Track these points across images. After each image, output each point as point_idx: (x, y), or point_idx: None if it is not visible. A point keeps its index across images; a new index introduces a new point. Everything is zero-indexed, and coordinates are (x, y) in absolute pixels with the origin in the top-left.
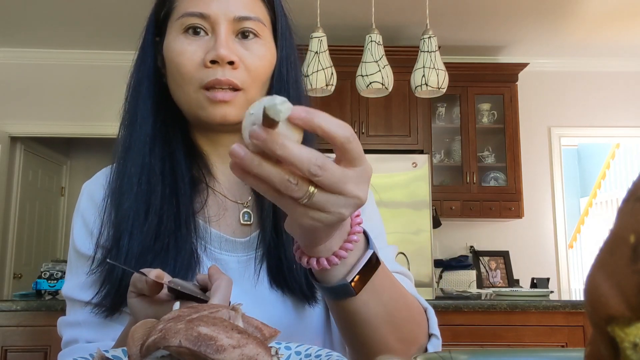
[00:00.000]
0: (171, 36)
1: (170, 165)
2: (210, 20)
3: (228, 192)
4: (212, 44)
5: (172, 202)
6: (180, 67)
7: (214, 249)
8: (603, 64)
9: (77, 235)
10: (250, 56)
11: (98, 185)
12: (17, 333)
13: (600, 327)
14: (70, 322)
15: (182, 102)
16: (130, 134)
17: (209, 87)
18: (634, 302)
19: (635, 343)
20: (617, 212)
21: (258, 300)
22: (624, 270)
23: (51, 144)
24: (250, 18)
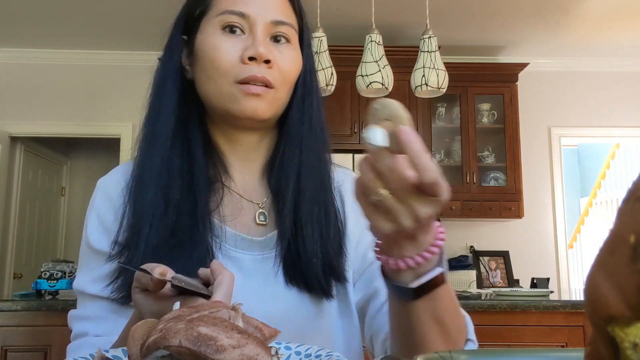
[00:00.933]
0: (207, 31)
1: (189, 162)
2: (249, 20)
3: (244, 192)
4: (250, 42)
5: (190, 199)
6: (216, 62)
7: (229, 246)
8: (603, 64)
9: (91, 232)
10: (283, 58)
11: (113, 181)
12: (17, 333)
13: (600, 327)
14: (80, 316)
15: (213, 95)
16: (153, 128)
17: (244, 82)
18: (634, 302)
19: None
20: (617, 212)
21: (274, 297)
22: (624, 270)
23: (51, 144)
24: (285, 23)
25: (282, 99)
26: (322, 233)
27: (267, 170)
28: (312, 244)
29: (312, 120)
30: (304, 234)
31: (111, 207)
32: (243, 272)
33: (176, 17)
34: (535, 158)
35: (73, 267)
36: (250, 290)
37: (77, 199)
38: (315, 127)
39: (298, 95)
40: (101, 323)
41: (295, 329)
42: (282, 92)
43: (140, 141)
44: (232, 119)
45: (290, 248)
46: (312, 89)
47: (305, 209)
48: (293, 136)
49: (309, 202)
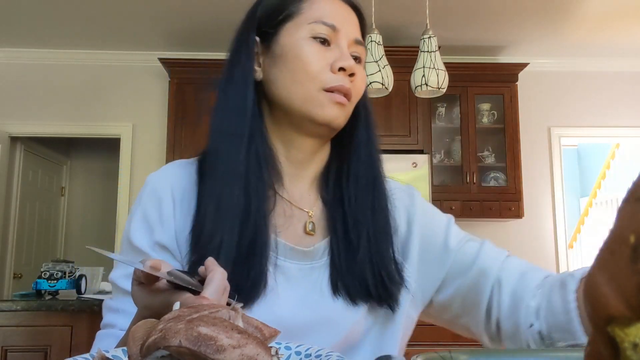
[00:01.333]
0: (297, 36)
1: (258, 168)
2: (338, 35)
3: (293, 200)
4: (339, 54)
5: (261, 207)
6: (308, 66)
7: (278, 255)
8: (603, 64)
9: (134, 227)
10: (359, 76)
11: (162, 180)
12: (17, 333)
13: (600, 327)
14: (111, 307)
15: (296, 98)
16: (229, 129)
17: (331, 90)
18: (634, 302)
19: (635, 343)
20: (617, 212)
21: (319, 307)
22: (624, 270)
23: (51, 144)
24: (362, 43)
25: (349, 113)
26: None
27: (321, 180)
28: (360, 257)
29: (375, 142)
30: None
31: (158, 207)
32: (291, 282)
33: (246, 18)
34: (535, 158)
35: (73, 267)
36: (296, 299)
37: (77, 199)
38: (377, 147)
39: (362, 116)
40: (128, 318)
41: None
42: (352, 107)
43: (215, 143)
44: (309, 123)
45: (338, 262)
46: (370, 110)
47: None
48: (362, 153)
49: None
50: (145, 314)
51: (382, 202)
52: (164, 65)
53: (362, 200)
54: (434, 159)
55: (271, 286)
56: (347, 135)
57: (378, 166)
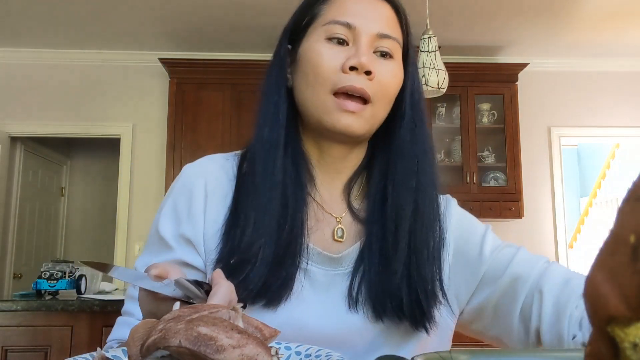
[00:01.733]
0: (313, 39)
1: (295, 172)
2: (355, 32)
3: (325, 204)
4: (353, 52)
5: (297, 210)
6: (318, 68)
7: (306, 259)
8: (603, 64)
9: (163, 217)
10: (385, 72)
11: (196, 173)
12: (17, 333)
13: (600, 327)
14: (131, 296)
15: (310, 104)
16: (269, 135)
17: (341, 92)
18: (634, 302)
19: (635, 343)
20: (617, 212)
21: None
22: (624, 270)
23: (51, 144)
24: (390, 37)
25: (379, 114)
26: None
27: (350, 186)
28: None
29: (424, 144)
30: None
31: (188, 199)
32: (315, 287)
33: (284, 26)
34: (535, 158)
35: (73, 267)
36: (318, 305)
37: (77, 199)
38: (427, 150)
39: (407, 116)
40: None
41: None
42: (380, 107)
43: (255, 147)
44: (325, 130)
45: (371, 271)
46: (421, 110)
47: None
48: (406, 158)
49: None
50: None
51: (426, 209)
52: (164, 65)
53: (401, 206)
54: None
55: (297, 290)
56: (389, 134)
57: (426, 171)
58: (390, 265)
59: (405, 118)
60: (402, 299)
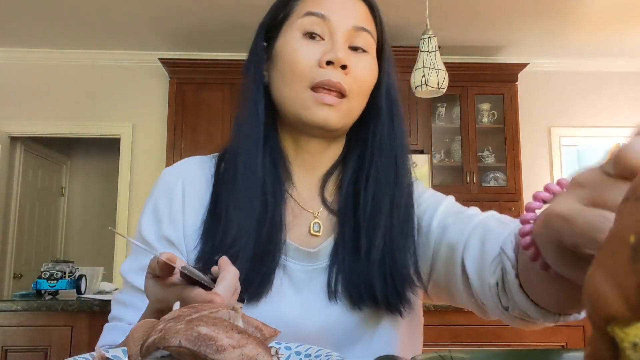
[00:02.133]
0: (288, 35)
1: (272, 169)
2: (330, 25)
3: (302, 200)
4: (329, 47)
5: (275, 207)
6: (295, 65)
7: (285, 255)
8: (603, 64)
9: (145, 220)
10: (360, 67)
11: (175, 175)
12: (17, 333)
13: (600, 327)
14: (120, 300)
15: (287, 100)
16: (246, 134)
17: (318, 87)
18: (633, 302)
19: (635, 343)
20: (617, 212)
21: (315, 310)
22: (624, 270)
23: (51, 144)
24: (365, 29)
25: (355, 109)
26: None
27: (325, 181)
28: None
29: (398, 136)
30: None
31: (168, 201)
32: (294, 283)
33: (259, 24)
34: (535, 158)
35: (73, 267)
36: (298, 300)
37: (77, 199)
38: (401, 142)
39: (384, 113)
40: (137, 312)
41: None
42: (356, 101)
43: (233, 147)
44: (303, 125)
45: (341, 264)
46: (397, 106)
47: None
48: (385, 153)
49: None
50: (158, 307)
51: (402, 201)
52: (164, 65)
53: (379, 199)
54: (434, 159)
55: (276, 286)
56: (364, 129)
57: (404, 165)
58: (364, 255)
59: (383, 114)
60: (375, 287)
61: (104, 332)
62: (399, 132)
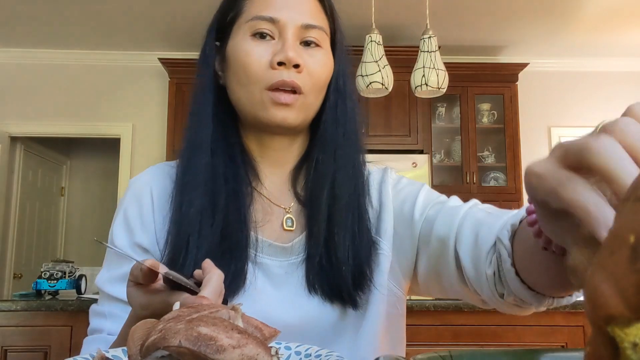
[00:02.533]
0: (239, 37)
1: (232, 167)
2: (279, 25)
3: (272, 197)
4: (280, 47)
5: (235, 204)
6: (248, 67)
7: (257, 252)
8: (603, 64)
9: (116, 230)
10: (313, 63)
11: (143, 182)
12: (17, 333)
13: (600, 327)
14: (98, 312)
15: (244, 102)
16: (195, 134)
17: (273, 88)
18: (633, 302)
19: (635, 343)
20: (617, 212)
21: (296, 304)
22: (624, 270)
23: (51, 144)
24: (315, 26)
25: (312, 104)
26: (355, 241)
27: (295, 175)
28: (343, 251)
29: (346, 126)
30: (335, 242)
31: (138, 209)
32: (270, 278)
33: (209, 23)
34: (535, 158)
35: (73, 267)
36: (275, 296)
37: (77, 199)
38: (350, 133)
39: (331, 100)
40: (116, 322)
41: (317, 334)
42: (312, 97)
43: (183, 149)
44: (262, 125)
45: (315, 258)
46: (345, 94)
47: (337, 216)
48: (328, 142)
49: (342, 209)
50: (142, 314)
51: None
52: (164, 65)
53: (340, 195)
54: (434, 159)
55: (251, 282)
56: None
57: (356, 156)
58: (331, 249)
59: (329, 102)
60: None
61: (84, 347)
62: (342, 120)
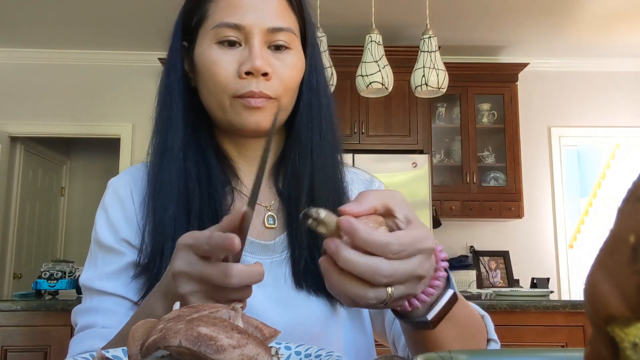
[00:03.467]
0: (205, 45)
1: (205, 169)
2: (245, 32)
3: None
4: (247, 54)
5: (211, 205)
6: (215, 77)
7: None
8: (603, 64)
9: (100, 229)
10: (283, 67)
11: (123, 182)
12: (17, 333)
13: (600, 327)
14: (87, 308)
15: (215, 108)
16: (164, 139)
17: (242, 97)
18: (633, 302)
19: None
20: (617, 212)
21: (285, 301)
22: (624, 270)
23: (51, 144)
24: (283, 29)
25: (284, 106)
26: None
27: (274, 173)
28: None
29: (321, 124)
30: (318, 241)
31: (120, 207)
32: None
33: (174, 24)
34: (535, 158)
35: (73, 267)
36: (263, 294)
37: (77, 199)
38: (325, 130)
39: (304, 98)
40: (110, 316)
41: (305, 331)
42: (285, 100)
43: (152, 154)
44: (236, 130)
45: (298, 254)
46: (319, 90)
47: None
48: (302, 141)
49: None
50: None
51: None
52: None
53: (318, 192)
54: (434, 159)
55: None
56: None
57: (332, 153)
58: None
59: (303, 100)
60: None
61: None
62: (317, 120)
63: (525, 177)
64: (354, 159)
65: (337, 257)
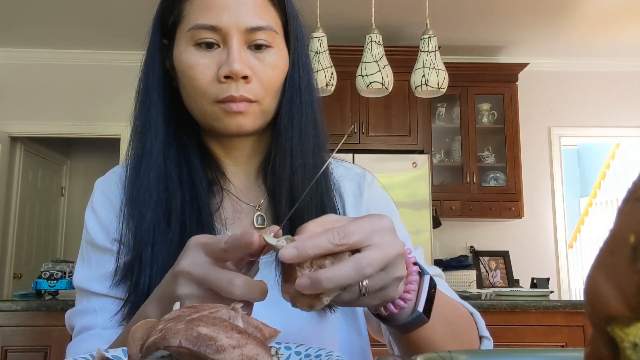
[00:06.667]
0: (182, 47)
1: (188, 170)
2: (222, 32)
3: (242, 195)
4: (225, 57)
5: (193, 207)
6: (194, 81)
7: None
8: (603, 64)
9: (92, 229)
10: (263, 67)
11: (111, 182)
12: (17, 333)
13: (600, 327)
14: (84, 310)
15: (196, 113)
16: (143, 142)
17: (223, 102)
18: (634, 302)
19: (635, 343)
20: (617, 212)
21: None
22: (624, 270)
23: (51, 144)
24: (262, 28)
25: (268, 107)
26: None
27: (261, 172)
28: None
29: (302, 121)
30: None
31: (110, 206)
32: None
33: (152, 22)
34: (535, 158)
35: (73, 267)
36: None
37: (77, 199)
38: (307, 128)
39: (287, 95)
40: (110, 316)
41: (297, 332)
42: (267, 101)
43: (131, 158)
44: (219, 133)
45: None
46: (301, 86)
47: (301, 211)
48: (283, 140)
49: (305, 204)
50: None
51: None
52: None
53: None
54: (434, 159)
55: None
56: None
57: (314, 150)
58: None
59: (286, 98)
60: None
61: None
62: (297, 118)
63: (525, 177)
64: (354, 159)
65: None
